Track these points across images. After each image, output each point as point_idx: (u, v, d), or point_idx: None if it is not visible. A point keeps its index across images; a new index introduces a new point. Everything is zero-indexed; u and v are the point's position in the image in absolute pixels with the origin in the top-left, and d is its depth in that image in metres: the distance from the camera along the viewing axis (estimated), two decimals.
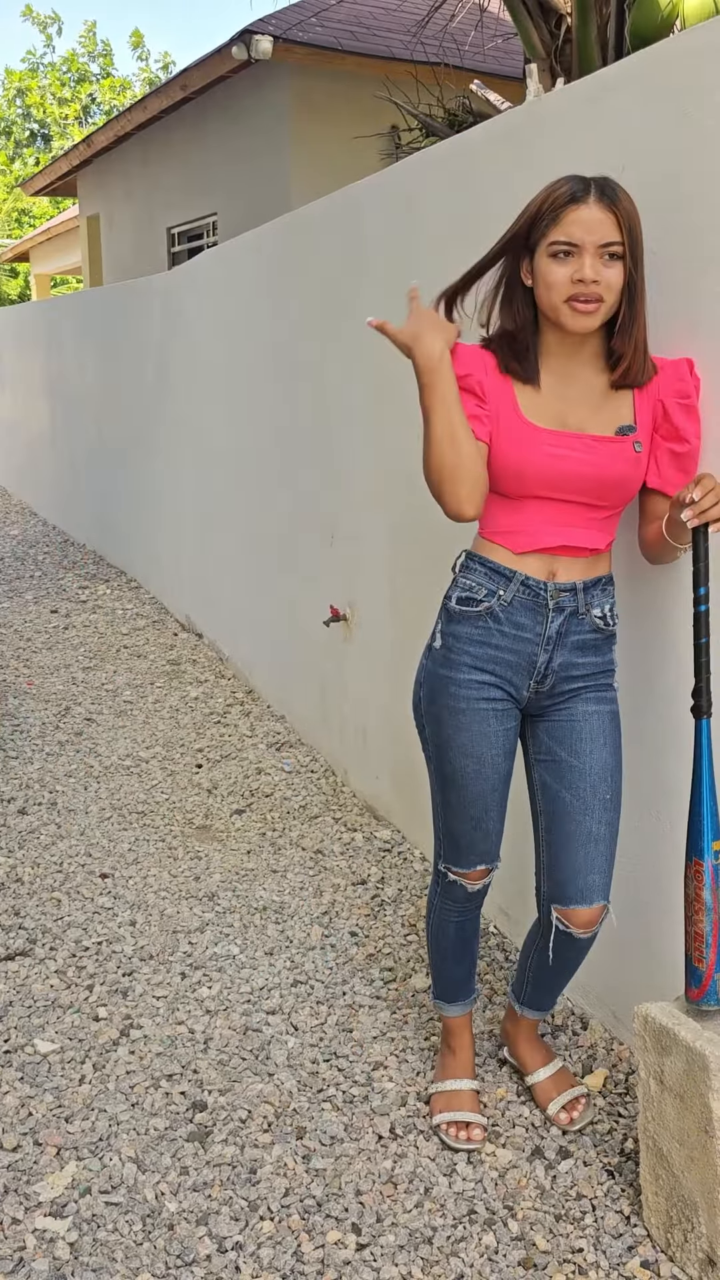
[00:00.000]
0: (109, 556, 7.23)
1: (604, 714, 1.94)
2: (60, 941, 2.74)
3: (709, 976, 1.77)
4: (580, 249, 1.71)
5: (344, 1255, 1.81)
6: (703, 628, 1.77)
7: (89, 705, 4.48)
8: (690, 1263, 1.75)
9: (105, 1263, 1.80)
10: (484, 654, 1.90)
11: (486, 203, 2.52)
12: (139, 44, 26.40)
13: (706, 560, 1.75)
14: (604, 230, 1.71)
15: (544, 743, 1.95)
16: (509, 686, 1.91)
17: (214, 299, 4.74)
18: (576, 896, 1.91)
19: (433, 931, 2.14)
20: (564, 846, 1.92)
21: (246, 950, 2.70)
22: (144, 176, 10.34)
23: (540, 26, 4.31)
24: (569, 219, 1.71)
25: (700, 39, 1.86)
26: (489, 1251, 1.82)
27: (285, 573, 4.11)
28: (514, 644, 1.89)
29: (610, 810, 1.92)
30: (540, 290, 1.77)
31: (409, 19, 7.79)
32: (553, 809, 1.93)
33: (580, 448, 1.81)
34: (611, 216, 1.71)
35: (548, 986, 2.09)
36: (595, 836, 1.90)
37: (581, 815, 1.90)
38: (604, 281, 1.72)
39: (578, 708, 1.93)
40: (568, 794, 1.91)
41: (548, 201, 1.74)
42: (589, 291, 1.72)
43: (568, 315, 1.75)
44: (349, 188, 3.33)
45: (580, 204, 1.71)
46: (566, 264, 1.73)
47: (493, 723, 1.91)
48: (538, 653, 1.89)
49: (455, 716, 1.91)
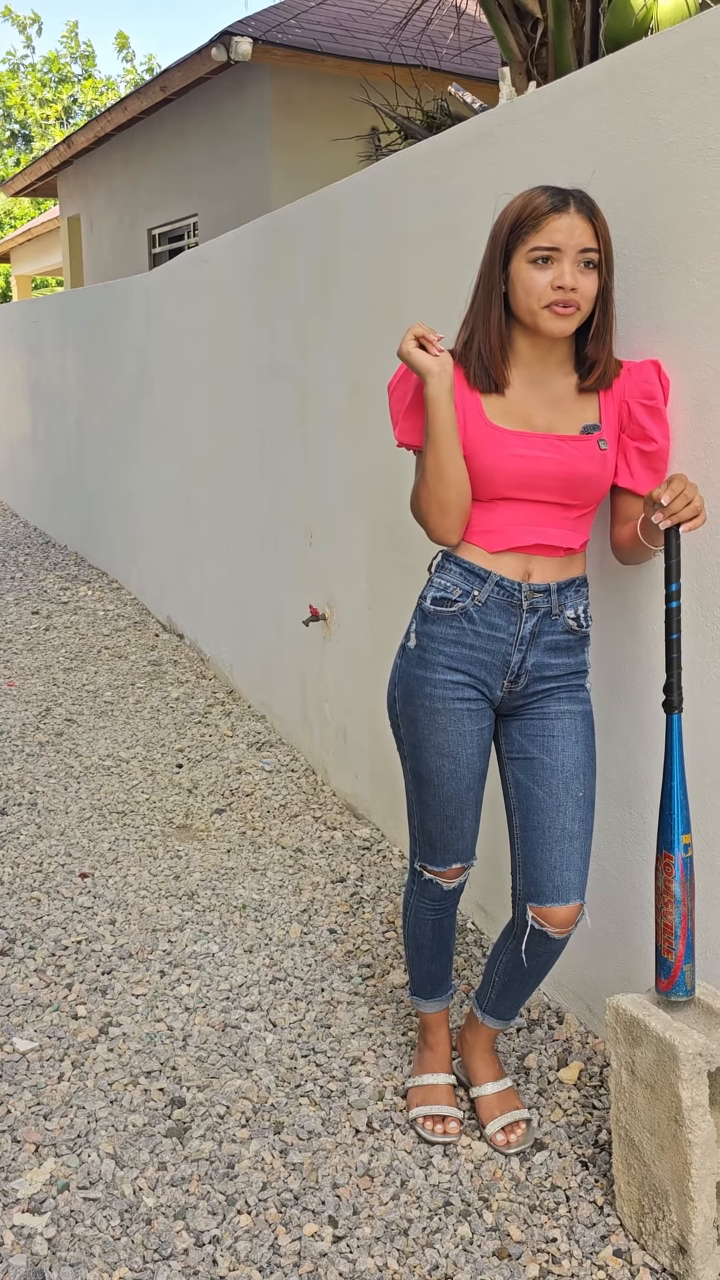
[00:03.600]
0: (90, 558, 7.23)
1: (576, 714, 1.95)
2: (40, 941, 2.75)
3: (678, 967, 1.79)
4: (561, 254, 1.74)
5: (320, 1247, 1.83)
6: (674, 623, 1.79)
7: (70, 706, 4.48)
8: (661, 1251, 1.77)
9: (83, 1257, 1.81)
10: (458, 654, 1.91)
11: (461, 203, 2.55)
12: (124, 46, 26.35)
13: (678, 556, 1.78)
14: (584, 238, 1.75)
15: (517, 741, 1.97)
16: (483, 686, 1.93)
17: (194, 300, 4.76)
18: (552, 894, 1.91)
19: (409, 929, 2.16)
20: (538, 844, 1.92)
21: (226, 948, 2.71)
22: (125, 177, 10.34)
23: (516, 30, 4.34)
24: (550, 226, 1.74)
25: (668, 43, 1.89)
26: (464, 1242, 1.84)
27: (265, 573, 4.12)
28: (488, 644, 1.91)
29: (583, 808, 1.92)
30: (519, 295, 1.79)
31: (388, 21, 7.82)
32: (527, 806, 1.94)
33: (546, 447, 1.83)
34: (590, 226, 1.76)
35: (513, 994, 2.07)
36: (569, 833, 1.91)
37: (555, 812, 1.91)
38: (581, 289, 1.76)
39: (551, 707, 1.95)
40: (541, 791, 1.92)
41: (528, 209, 1.76)
42: (568, 298, 1.75)
43: (546, 319, 1.77)
44: (326, 189, 3.35)
45: (561, 213, 1.74)
46: (546, 270, 1.75)
47: (467, 722, 1.93)
48: (511, 653, 1.91)
49: (431, 716, 1.93)
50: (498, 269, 1.81)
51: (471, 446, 1.84)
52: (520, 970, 2.02)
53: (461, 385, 1.86)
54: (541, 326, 1.78)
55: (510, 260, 1.79)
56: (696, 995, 1.82)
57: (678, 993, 1.79)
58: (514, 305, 1.81)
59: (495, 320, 1.83)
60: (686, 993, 1.79)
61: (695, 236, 1.85)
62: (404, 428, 1.91)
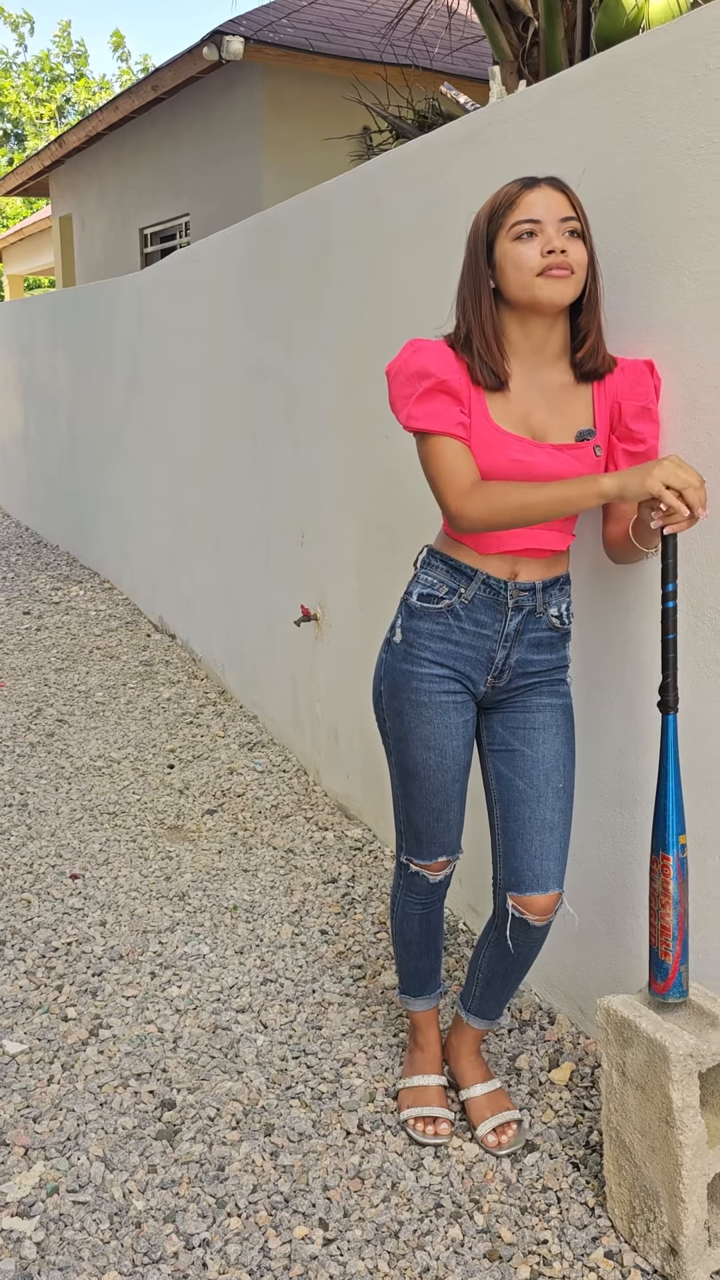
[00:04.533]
0: (82, 558, 7.21)
1: (557, 707, 1.96)
2: (30, 942, 2.73)
3: (674, 970, 1.79)
4: (542, 225, 1.74)
5: (311, 1250, 1.82)
6: (670, 623, 1.79)
7: (61, 707, 4.47)
8: (653, 1252, 1.76)
9: (72, 1261, 1.80)
10: (444, 649, 1.92)
11: (451, 202, 2.54)
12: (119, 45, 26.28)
13: (675, 556, 1.77)
14: (561, 207, 1.76)
15: (499, 734, 1.98)
16: (466, 681, 1.94)
17: (185, 299, 4.75)
18: (532, 883, 1.92)
19: (397, 925, 2.16)
20: (519, 834, 1.93)
21: (216, 949, 2.70)
22: (116, 177, 10.32)
23: (508, 29, 4.34)
24: (526, 201, 1.75)
25: (657, 42, 1.88)
26: (455, 1244, 1.84)
27: (257, 573, 4.11)
28: (473, 640, 1.91)
29: (563, 799, 1.94)
30: (509, 274, 1.76)
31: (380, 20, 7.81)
32: (507, 797, 1.95)
33: (542, 455, 1.82)
34: (564, 198, 1.77)
35: (496, 990, 2.08)
36: (549, 824, 1.92)
37: (535, 802, 1.92)
38: (571, 253, 1.75)
39: (532, 700, 1.96)
40: (521, 782, 1.93)
41: (500, 196, 1.78)
42: (561, 260, 1.73)
43: (542, 287, 1.74)
44: (317, 188, 3.34)
45: (534, 189, 1.76)
46: (532, 242, 1.74)
47: (453, 715, 1.94)
48: (496, 649, 1.91)
49: (417, 710, 1.93)
50: (482, 261, 1.80)
51: (474, 445, 1.82)
52: (503, 964, 2.03)
53: (468, 382, 1.83)
54: (540, 296, 1.75)
55: (494, 249, 1.78)
56: (689, 996, 1.82)
57: (674, 994, 1.79)
58: (507, 288, 1.78)
59: (487, 311, 1.81)
60: (682, 994, 1.79)
61: (685, 235, 1.85)
62: (415, 413, 1.82)
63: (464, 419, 1.81)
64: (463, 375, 1.82)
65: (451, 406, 1.81)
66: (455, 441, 1.81)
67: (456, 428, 1.80)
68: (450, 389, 1.81)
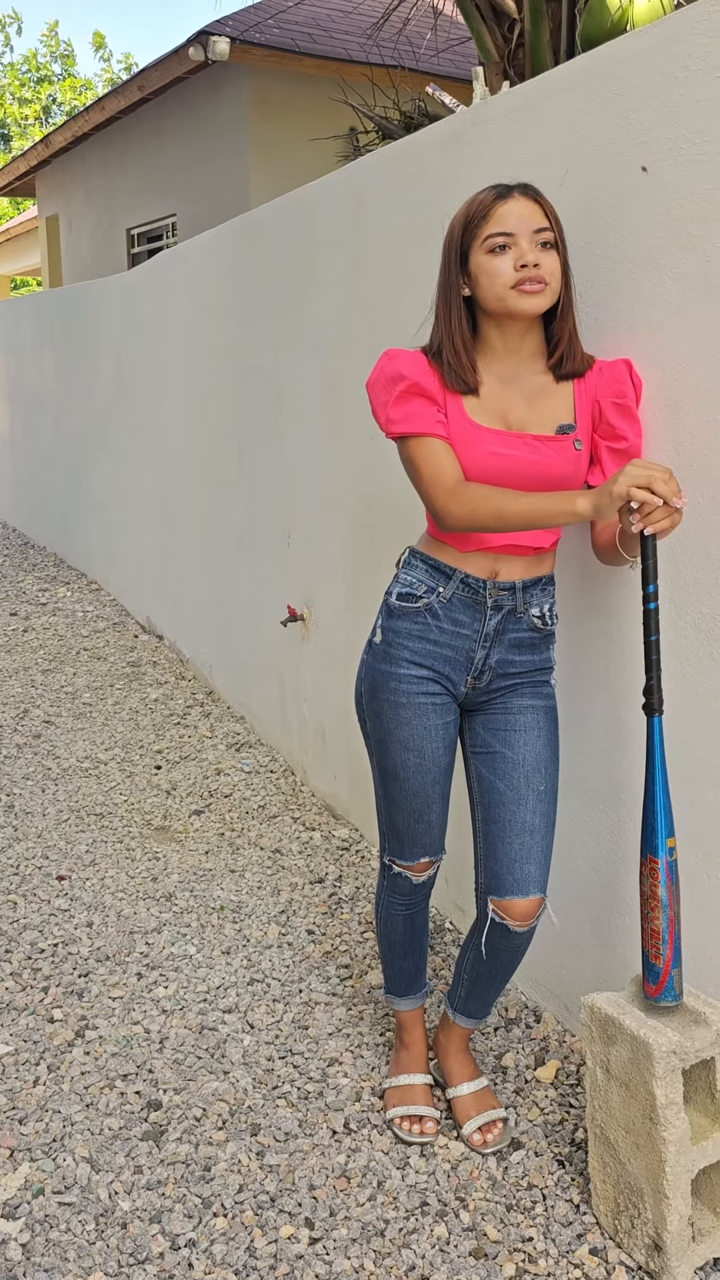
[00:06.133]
0: (69, 559, 7.20)
1: (539, 709, 1.96)
2: (16, 944, 2.73)
3: (665, 972, 1.79)
4: (516, 237, 1.75)
5: (297, 1249, 1.83)
6: (652, 625, 1.79)
7: (48, 708, 4.46)
8: (637, 1248, 1.77)
9: (58, 1262, 1.80)
10: (423, 649, 1.92)
11: (435, 203, 2.55)
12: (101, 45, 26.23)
13: (655, 558, 1.77)
14: (535, 218, 1.76)
15: (480, 736, 1.98)
16: (446, 682, 1.94)
17: (172, 300, 4.74)
18: (512, 887, 1.91)
19: (381, 925, 2.16)
20: (499, 837, 1.93)
21: (203, 950, 2.70)
22: (103, 177, 10.31)
23: (493, 30, 4.35)
24: (499, 213, 1.75)
25: (639, 43, 1.89)
26: (440, 1242, 1.84)
27: (243, 573, 4.11)
28: (452, 640, 1.91)
29: (544, 802, 1.93)
30: (484, 286, 1.78)
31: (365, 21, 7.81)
32: (488, 800, 1.95)
33: (521, 447, 1.83)
34: (538, 207, 1.77)
35: (482, 991, 2.07)
36: (530, 827, 1.91)
37: (515, 805, 1.91)
38: (545, 265, 1.76)
39: (514, 702, 1.95)
40: (502, 784, 1.93)
41: (474, 204, 1.78)
42: (534, 274, 1.74)
43: (515, 299, 1.76)
44: (302, 189, 3.34)
45: (507, 199, 1.76)
46: (505, 255, 1.75)
47: (432, 717, 1.94)
48: (475, 649, 1.91)
49: (396, 711, 1.94)
50: (454, 272, 1.82)
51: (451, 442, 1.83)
52: (487, 967, 2.02)
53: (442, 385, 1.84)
54: (513, 308, 1.77)
55: (468, 259, 1.80)
56: None
57: (666, 998, 1.78)
58: (482, 299, 1.80)
59: (456, 323, 1.83)
60: (675, 998, 1.78)
61: (666, 236, 1.85)
62: (394, 416, 1.83)
63: (441, 418, 1.82)
64: (436, 380, 1.84)
65: (428, 407, 1.82)
66: (436, 440, 1.81)
67: (435, 426, 1.81)
68: (424, 391, 1.83)
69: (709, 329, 1.80)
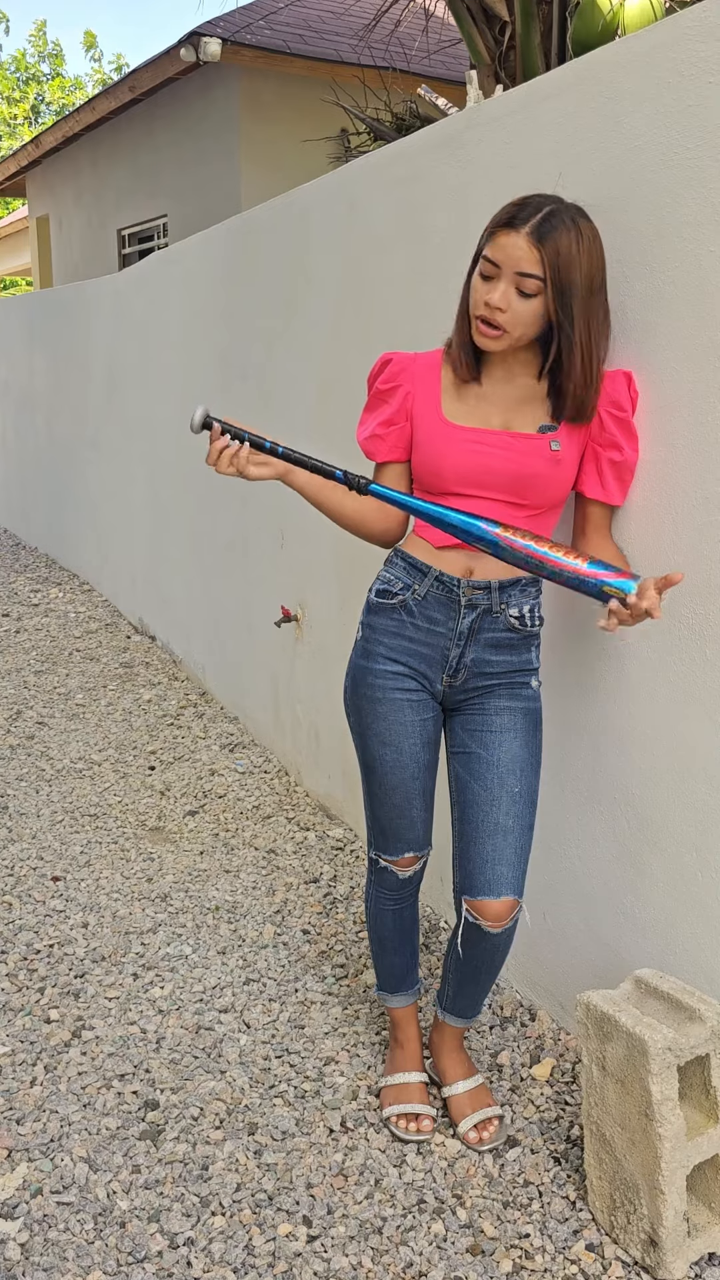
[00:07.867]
0: (61, 559, 7.19)
1: (517, 710, 1.95)
2: (11, 945, 2.73)
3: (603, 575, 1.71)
4: (500, 272, 1.73)
5: (295, 1247, 1.84)
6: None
7: (41, 709, 4.46)
8: (633, 1244, 1.79)
9: (56, 1262, 1.81)
10: (398, 645, 1.94)
11: (427, 206, 2.56)
12: (91, 45, 26.17)
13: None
14: (523, 262, 1.70)
15: (458, 736, 1.99)
16: (422, 679, 1.95)
17: (163, 300, 4.75)
18: (484, 887, 1.91)
19: (371, 922, 2.17)
20: (472, 838, 1.93)
21: (199, 950, 2.71)
22: (94, 177, 10.30)
23: (485, 33, 4.36)
24: (497, 241, 1.73)
25: (632, 47, 1.91)
26: (438, 1239, 1.85)
27: (236, 574, 4.12)
28: (427, 637, 1.93)
29: (519, 804, 1.92)
30: (468, 299, 1.83)
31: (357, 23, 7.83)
32: (463, 800, 1.95)
33: (496, 443, 1.84)
34: (536, 253, 1.69)
35: (469, 991, 2.08)
36: (503, 828, 1.91)
37: (489, 806, 1.92)
38: (512, 312, 1.73)
39: (491, 703, 1.96)
40: (476, 785, 1.94)
41: (496, 217, 1.76)
42: (490, 316, 1.75)
43: (475, 328, 1.80)
44: (295, 191, 3.35)
45: (511, 230, 1.71)
46: (487, 285, 1.76)
47: (408, 713, 1.95)
48: (450, 647, 1.93)
49: (373, 705, 1.96)
50: (470, 272, 1.83)
51: (422, 438, 1.88)
52: (470, 967, 2.03)
53: (429, 374, 1.90)
54: (474, 335, 1.80)
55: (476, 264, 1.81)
56: (667, 990, 1.84)
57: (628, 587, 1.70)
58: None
59: (459, 316, 1.87)
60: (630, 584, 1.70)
61: (658, 240, 1.87)
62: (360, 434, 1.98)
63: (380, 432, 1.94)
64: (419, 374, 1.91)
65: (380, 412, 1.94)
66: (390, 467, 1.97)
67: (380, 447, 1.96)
68: (384, 396, 1.94)
69: (701, 332, 1.81)
